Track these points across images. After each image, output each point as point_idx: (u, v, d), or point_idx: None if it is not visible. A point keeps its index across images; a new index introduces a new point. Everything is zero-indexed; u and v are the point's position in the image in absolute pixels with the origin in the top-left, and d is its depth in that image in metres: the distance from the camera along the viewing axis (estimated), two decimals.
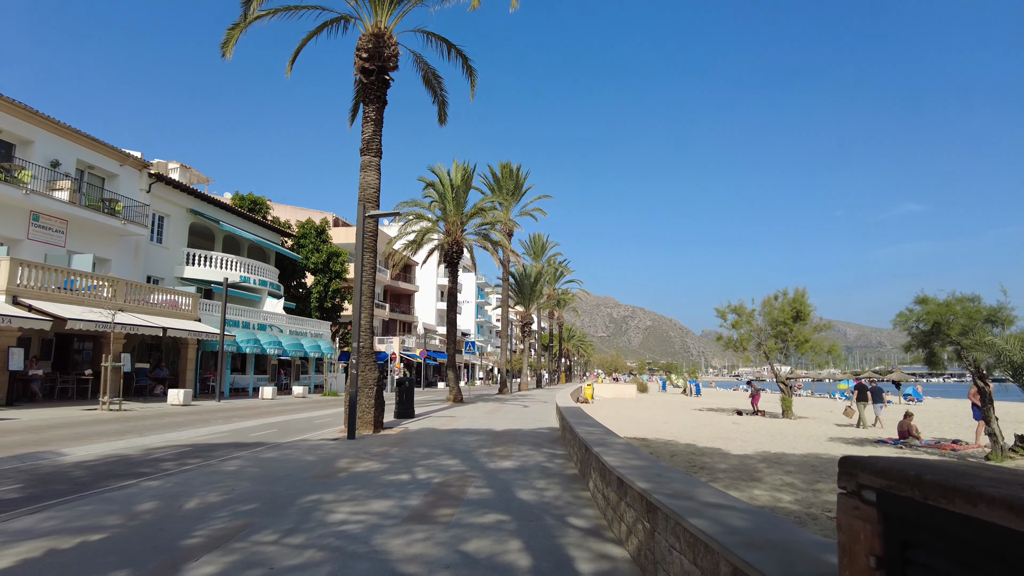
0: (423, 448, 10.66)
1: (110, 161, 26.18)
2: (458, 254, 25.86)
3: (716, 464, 11.05)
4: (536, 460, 9.33)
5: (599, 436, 7.52)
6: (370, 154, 14.52)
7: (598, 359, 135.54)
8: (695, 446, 13.73)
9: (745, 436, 16.72)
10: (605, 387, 48.59)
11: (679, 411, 29.07)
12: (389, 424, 15.10)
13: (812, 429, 19.99)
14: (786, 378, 26.36)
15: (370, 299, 14.04)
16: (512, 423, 15.74)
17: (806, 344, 25.11)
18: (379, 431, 13.56)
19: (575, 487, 7.18)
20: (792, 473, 10.18)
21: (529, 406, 23.39)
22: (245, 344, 29.08)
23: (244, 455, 9.69)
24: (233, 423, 15.89)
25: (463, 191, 25.83)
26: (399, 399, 17.25)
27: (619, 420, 21.10)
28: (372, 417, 13.49)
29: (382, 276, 53.66)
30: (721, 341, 26.99)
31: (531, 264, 51.29)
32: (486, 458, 9.49)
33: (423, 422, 15.98)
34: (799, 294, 25.29)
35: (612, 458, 5.51)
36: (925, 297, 12.55)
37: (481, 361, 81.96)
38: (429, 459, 9.36)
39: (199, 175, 36.95)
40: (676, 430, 17.92)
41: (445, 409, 21.20)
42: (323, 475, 7.90)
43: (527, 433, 13.33)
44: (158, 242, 29.36)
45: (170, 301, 26.28)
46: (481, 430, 13.97)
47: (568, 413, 11.75)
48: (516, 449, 10.60)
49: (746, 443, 14.79)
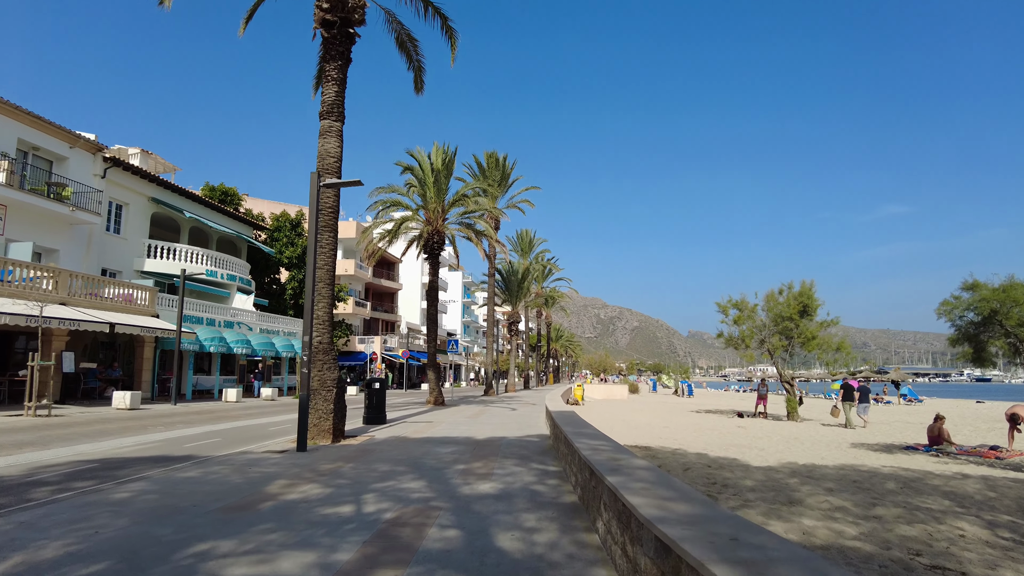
0: (384, 464, 8.67)
1: (58, 143, 23.87)
2: (439, 245, 23.85)
3: (740, 480, 9.17)
4: (523, 481, 7.38)
5: (609, 454, 5.58)
6: (331, 118, 12.52)
7: (586, 359, 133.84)
8: (707, 456, 11.86)
9: (758, 443, 14.89)
10: (595, 388, 46.82)
11: (676, 413, 27.27)
12: (353, 432, 13.08)
13: (827, 433, 18.23)
14: (791, 379, 24.63)
15: (328, 287, 12.02)
16: (496, 430, 13.77)
17: (813, 341, 23.40)
18: (339, 441, 11.54)
19: (576, 524, 5.25)
20: (836, 493, 8.32)
21: (516, 409, 21.44)
22: (209, 342, 26.87)
23: (154, 475, 7.66)
24: (175, 430, 13.79)
25: (444, 177, 23.82)
26: (368, 403, 15.24)
27: (615, 424, 19.22)
28: (330, 425, 11.47)
29: (363, 273, 51.46)
30: (721, 338, 25.20)
31: (518, 261, 49.33)
32: (460, 478, 7.53)
33: (394, 429, 13.98)
34: (806, 287, 23.57)
35: (640, 497, 3.58)
36: (976, 282, 10.78)
37: (468, 362, 79.85)
38: (388, 480, 7.39)
39: (164, 163, 34.57)
40: (679, 436, 16.07)
41: (423, 413, 19.19)
42: (238, 507, 5.90)
43: (513, 443, 11.37)
44: (115, 232, 27.05)
45: (125, 295, 24.04)
46: (460, 439, 11.99)
47: (562, 419, 9.81)
48: (499, 465, 8.64)
49: (764, 452, 12.94)
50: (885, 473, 10.17)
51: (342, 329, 40.89)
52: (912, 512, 7.10)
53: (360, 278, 51.79)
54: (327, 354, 11.84)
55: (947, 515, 7.02)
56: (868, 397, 22.70)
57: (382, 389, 15.38)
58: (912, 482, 9.24)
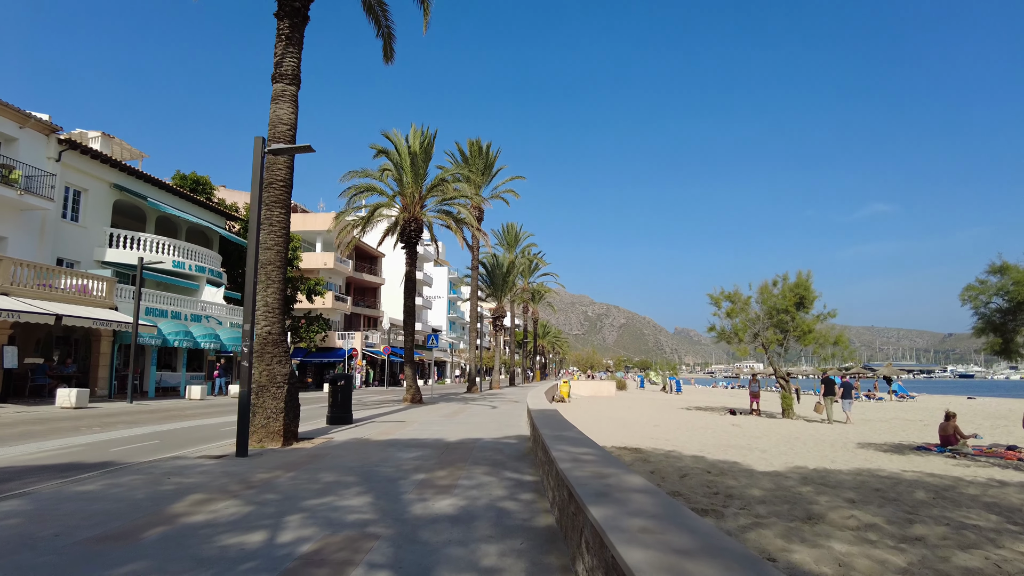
0: (331, 473, 7.35)
1: (5, 122, 22.17)
2: (417, 233, 22.44)
3: (746, 489, 7.95)
4: (491, 496, 6.08)
5: (594, 467, 4.29)
6: (284, 81, 11.11)
7: (574, 356, 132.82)
8: (705, 459, 10.64)
9: (758, 443, 13.71)
10: (582, 384, 45.67)
11: (666, 410, 26.14)
12: (310, 434, 11.73)
13: (827, 432, 17.13)
14: (787, 375, 23.55)
15: (279, 270, 10.63)
16: (472, 430, 12.46)
17: (809, 335, 22.32)
18: (291, 444, 10.19)
19: (551, 563, 3.96)
20: (860, 505, 7.12)
21: (497, 407, 20.15)
22: (174, 337, 25.30)
23: (42, 490, 6.27)
24: (111, 431, 12.36)
25: (423, 161, 22.42)
26: (333, 401, 13.88)
27: (603, 423, 18.01)
28: (281, 426, 10.10)
29: (343, 267, 49.88)
30: (713, 332, 24.07)
31: (504, 254, 47.98)
32: (416, 492, 6.23)
33: (359, 430, 12.63)
34: (802, 278, 22.48)
35: (641, 550, 2.29)
36: (1005, 264, 9.64)
37: (454, 359, 78.40)
38: (326, 496, 6.06)
39: (131, 149, 32.80)
40: (672, 436, 14.87)
41: (396, 412, 17.84)
42: (116, 536, 4.55)
43: (488, 445, 10.07)
44: (72, 220, 25.35)
45: (80, 286, 22.44)
46: (428, 441, 10.67)
47: (542, 420, 8.53)
48: (466, 474, 7.34)
49: (767, 454, 11.75)
50: (908, 479, 8.99)
51: (320, 324, 39.37)
52: (959, 532, 5.90)
53: (340, 272, 50.21)
54: (278, 346, 10.46)
55: (1002, 535, 5.82)
56: (851, 393, 22.21)
57: (348, 386, 14.02)
58: (944, 491, 8.06)
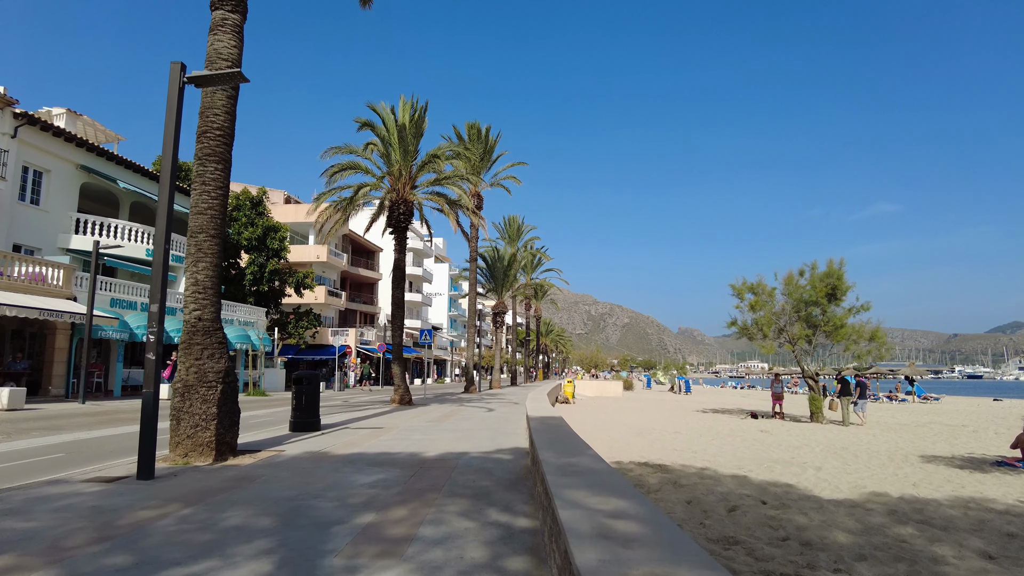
0: (242, 512, 5.14)
1: None
2: (406, 216, 20.21)
3: (825, 533, 5.72)
4: (464, 562, 3.87)
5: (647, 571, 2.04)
6: (224, 7, 8.92)
7: (577, 355, 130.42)
8: (750, 481, 8.41)
9: (803, 456, 11.47)
10: (587, 384, 43.45)
11: (680, 414, 23.91)
12: (258, 445, 9.53)
13: (871, 439, 14.87)
14: (815, 374, 21.29)
15: (214, 240, 8.45)
16: (458, 440, 10.23)
17: (841, 331, 20.07)
18: (225, 459, 8.00)
19: None
20: (1004, 563, 4.88)
21: (494, 409, 17.94)
22: (143, 331, 23.15)
23: None
24: (16, 441, 10.18)
25: (413, 136, 20.19)
26: (296, 404, 11.67)
27: (614, 429, 15.80)
28: (212, 436, 7.91)
29: (337, 260, 47.69)
30: (734, 326, 21.81)
31: (505, 248, 45.70)
32: (348, 553, 4.01)
33: (323, 439, 10.42)
34: (834, 267, 20.22)
35: None
36: None
37: (454, 357, 76.15)
38: (206, 557, 3.86)
39: (105, 130, 30.64)
40: (697, 445, 12.65)
41: (379, 415, 15.64)
42: None
43: (474, 463, 7.85)
44: (33, 203, 23.22)
45: (36, 275, 20.32)
46: (400, 457, 8.46)
47: (544, 434, 6.31)
48: (435, 512, 5.13)
49: (823, 472, 9.49)
50: None
51: (310, 320, 37.19)
52: None
53: (334, 266, 48.01)
54: (210, 336, 8.26)
55: None
56: (866, 393, 20.80)
57: (313, 386, 11.79)
58: None
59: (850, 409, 20.32)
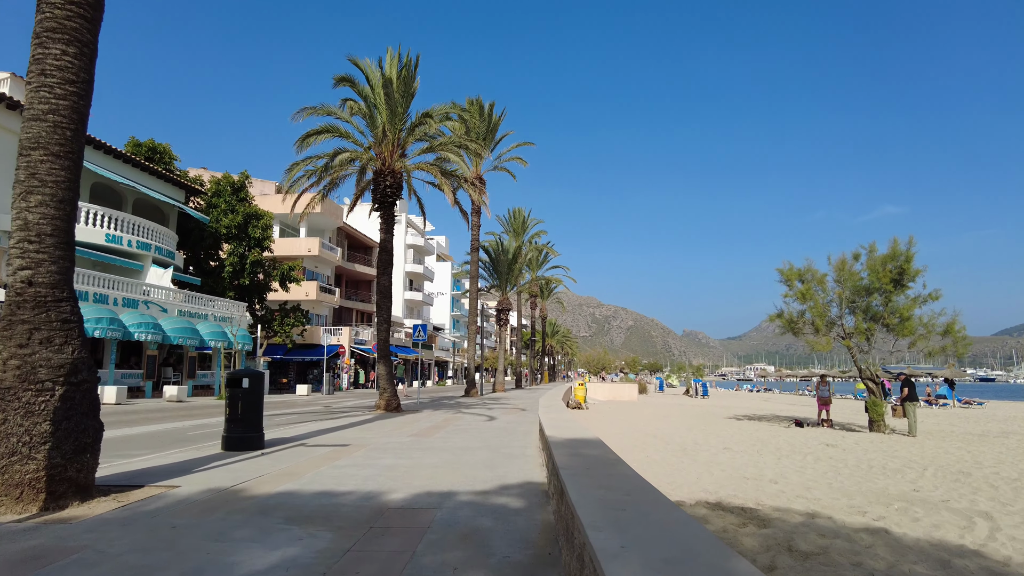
0: None
1: None
2: (394, 189, 17.15)
3: None
4: None
5: None
6: None
7: (583, 357, 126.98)
8: (900, 541, 5.33)
9: (922, 487, 8.34)
10: (598, 388, 40.18)
11: (710, 421, 20.79)
12: (142, 476, 6.48)
13: (975, 456, 11.71)
14: (875, 376, 18.11)
15: (60, 159, 5.40)
16: (443, 470, 7.10)
17: (907, 323, 16.94)
18: (65, 504, 4.98)
19: None
20: None
21: (497, 418, 14.85)
22: (95, 325, 20.22)
23: None
24: None
25: (402, 96, 17.17)
26: (230, 414, 8.63)
27: (646, 444, 12.69)
28: (39, 469, 4.89)
29: (331, 255, 44.68)
30: (779, 319, 18.67)
31: (509, 241, 42.63)
32: None
33: (252, 465, 7.37)
34: (899, 248, 17.10)
35: None
36: None
37: (456, 358, 73.03)
38: None
39: None
40: (768, 470, 9.55)
41: (352, 427, 12.54)
42: None
43: (461, 520, 4.77)
44: None
45: None
46: (346, 502, 5.38)
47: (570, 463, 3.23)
48: None
49: (996, 523, 6.37)
50: None
51: (296, 316, 34.16)
52: None
53: (328, 260, 45.00)
54: (46, 310, 5.22)
55: None
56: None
57: (254, 392, 8.74)
58: None
59: (917, 417, 17.28)
